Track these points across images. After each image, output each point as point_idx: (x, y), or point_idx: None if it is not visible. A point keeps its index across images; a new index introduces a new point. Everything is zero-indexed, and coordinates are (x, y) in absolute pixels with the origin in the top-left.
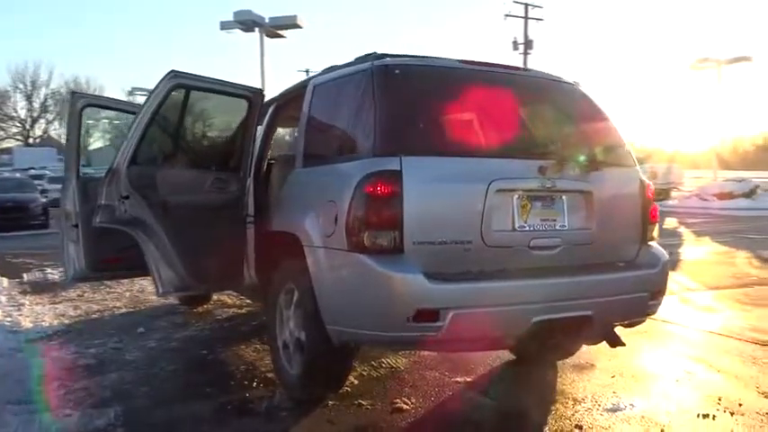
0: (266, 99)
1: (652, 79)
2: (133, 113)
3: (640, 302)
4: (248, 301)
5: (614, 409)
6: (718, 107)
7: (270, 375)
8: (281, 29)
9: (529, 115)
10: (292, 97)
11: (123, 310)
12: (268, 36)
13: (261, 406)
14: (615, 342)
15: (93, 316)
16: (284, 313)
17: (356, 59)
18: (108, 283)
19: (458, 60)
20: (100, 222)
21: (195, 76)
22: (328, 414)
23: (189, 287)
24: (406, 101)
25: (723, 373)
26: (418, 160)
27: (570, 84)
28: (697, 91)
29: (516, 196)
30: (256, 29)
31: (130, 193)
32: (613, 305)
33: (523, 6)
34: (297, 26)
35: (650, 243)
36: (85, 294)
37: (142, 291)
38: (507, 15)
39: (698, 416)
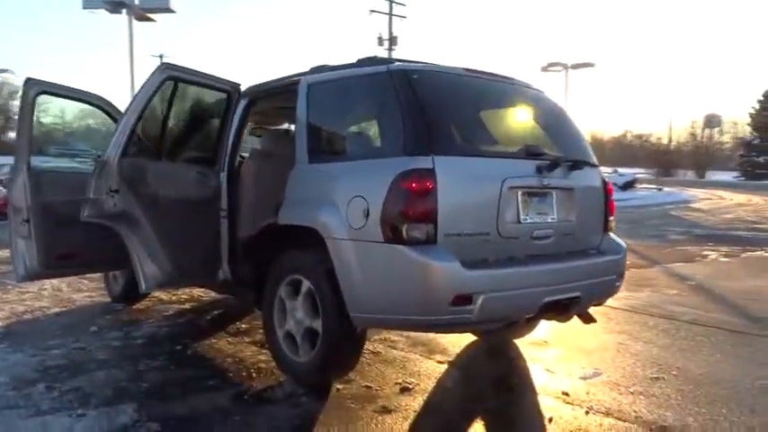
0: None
1: None
2: (91, 104)
3: (611, 284)
4: (184, 296)
5: (583, 377)
6: (568, 107)
7: (263, 366)
8: (151, 12)
9: (524, 120)
10: (271, 94)
11: (55, 310)
12: (137, 19)
13: (277, 394)
14: (588, 319)
15: (26, 317)
16: (287, 304)
17: (358, 61)
18: (9, 282)
19: (462, 68)
20: (88, 217)
21: (186, 68)
22: (345, 397)
23: (172, 282)
24: (430, 104)
25: (649, 344)
26: (447, 159)
27: (543, 92)
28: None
29: (520, 193)
30: (123, 10)
31: (120, 187)
32: (594, 287)
33: (388, 3)
34: (169, 10)
35: (609, 233)
36: None
37: (59, 290)
38: (372, 11)
39: (650, 378)
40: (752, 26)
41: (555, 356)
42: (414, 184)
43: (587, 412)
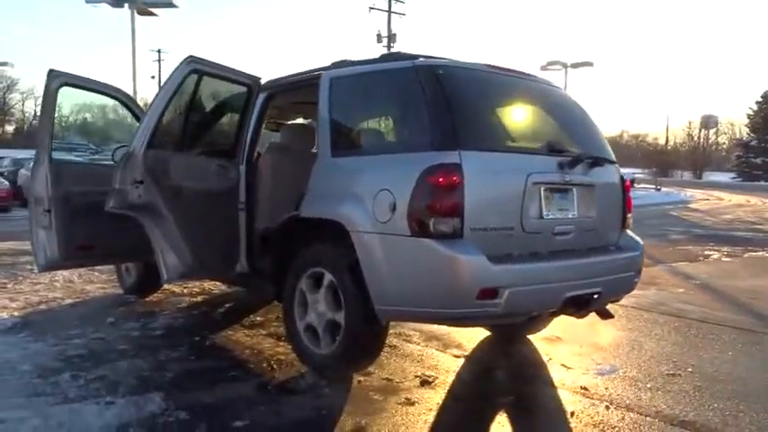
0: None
1: None
2: (114, 98)
3: (630, 280)
4: (196, 289)
5: (600, 373)
6: None
7: (282, 357)
8: (154, 6)
9: (545, 116)
10: (290, 88)
11: (69, 301)
12: (139, 13)
13: (299, 385)
14: (606, 315)
15: (41, 307)
16: (308, 297)
17: (381, 57)
18: (20, 273)
19: (484, 65)
20: (113, 207)
21: (210, 62)
22: (367, 389)
23: (192, 274)
24: (456, 99)
25: (662, 341)
26: (473, 154)
27: (563, 90)
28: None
29: (543, 188)
30: (126, 4)
31: (145, 178)
32: (614, 283)
33: (387, 0)
34: (171, 5)
35: (626, 229)
36: (9, 286)
37: (71, 281)
38: (372, 8)
39: (667, 375)
40: (750, 27)
41: (569, 352)
42: (441, 179)
43: (608, 407)
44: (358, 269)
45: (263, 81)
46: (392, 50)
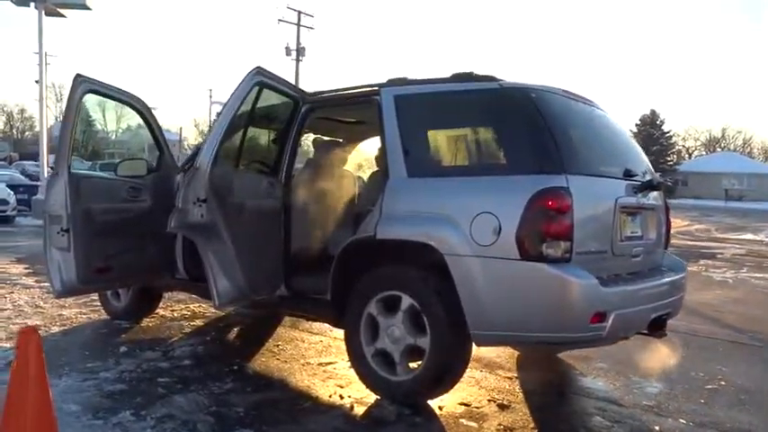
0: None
1: None
2: (136, 109)
3: (681, 300)
4: (186, 311)
5: (655, 390)
6: None
7: (338, 383)
8: (64, 7)
9: (610, 140)
10: (332, 104)
11: (56, 329)
12: (47, 14)
13: (385, 414)
14: (662, 333)
15: None
16: (381, 321)
17: (454, 76)
18: None
19: (561, 89)
20: (174, 228)
21: (273, 74)
22: (454, 416)
23: (243, 299)
24: (554, 123)
25: (695, 360)
26: (576, 178)
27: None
28: None
29: (624, 212)
30: (32, 3)
31: (209, 197)
32: (677, 302)
33: (296, 13)
34: (84, 6)
35: (667, 250)
36: None
37: (39, 306)
38: (281, 20)
39: (705, 388)
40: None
41: (604, 368)
42: (553, 202)
43: (688, 423)
44: (447, 293)
45: (308, 94)
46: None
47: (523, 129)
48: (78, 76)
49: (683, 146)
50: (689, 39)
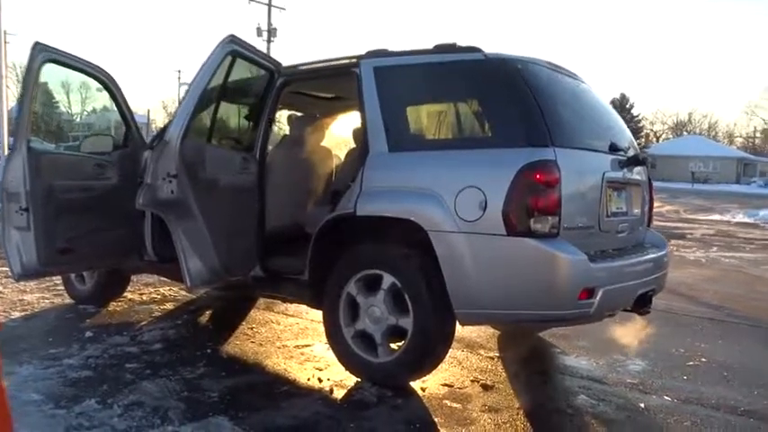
0: None
1: None
2: (99, 80)
3: (665, 277)
4: (155, 295)
5: (637, 366)
6: None
7: (316, 366)
8: None
9: (595, 113)
10: (308, 76)
11: (17, 315)
12: None
13: (367, 397)
14: (646, 310)
15: None
16: (360, 301)
17: (436, 47)
18: None
19: (545, 61)
20: (143, 205)
21: (246, 43)
22: (436, 397)
23: (217, 280)
24: (540, 95)
25: (675, 337)
26: (563, 151)
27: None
28: None
29: (610, 187)
30: None
31: (180, 172)
32: (661, 279)
33: None
34: None
35: (650, 227)
36: None
37: None
38: (251, 0)
39: (687, 365)
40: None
41: (587, 347)
42: (541, 176)
43: (673, 400)
44: (430, 271)
45: (283, 67)
46: (271, 44)
47: (510, 101)
48: (37, 44)
49: (652, 129)
50: (658, 23)
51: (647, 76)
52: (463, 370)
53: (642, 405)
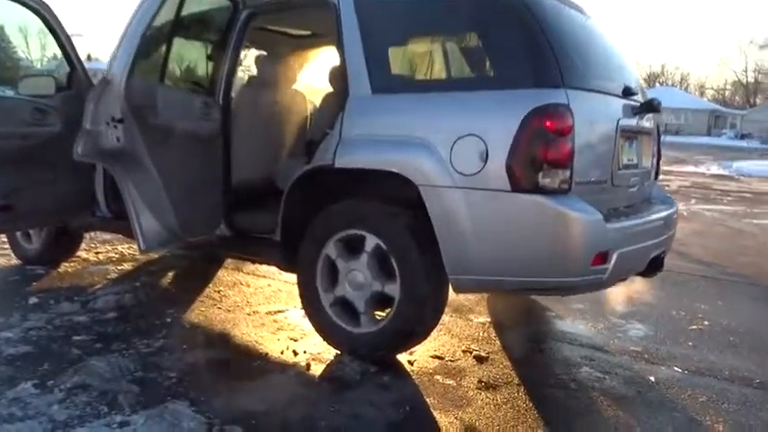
0: None
1: None
2: (33, 9)
3: (674, 237)
4: (112, 254)
5: (641, 334)
6: None
7: (291, 336)
8: None
9: (604, 51)
10: (280, 8)
11: None
12: None
13: (349, 374)
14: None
15: None
16: (340, 265)
17: None
18: None
19: None
20: (83, 155)
21: None
22: (427, 373)
23: (175, 240)
24: (550, 29)
25: (672, 298)
26: (576, 93)
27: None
28: None
29: (623, 136)
30: None
31: (126, 116)
32: (670, 240)
33: None
34: None
35: (657, 181)
36: None
37: None
38: None
39: (690, 329)
40: None
41: (584, 310)
42: (552, 122)
43: (684, 372)
44: (420, 231)
45: None
46: None
47: (515, 35)
48: None
49: None
50: None
51: (621, 27)
52: (453, 338)
53: (652, 378)
